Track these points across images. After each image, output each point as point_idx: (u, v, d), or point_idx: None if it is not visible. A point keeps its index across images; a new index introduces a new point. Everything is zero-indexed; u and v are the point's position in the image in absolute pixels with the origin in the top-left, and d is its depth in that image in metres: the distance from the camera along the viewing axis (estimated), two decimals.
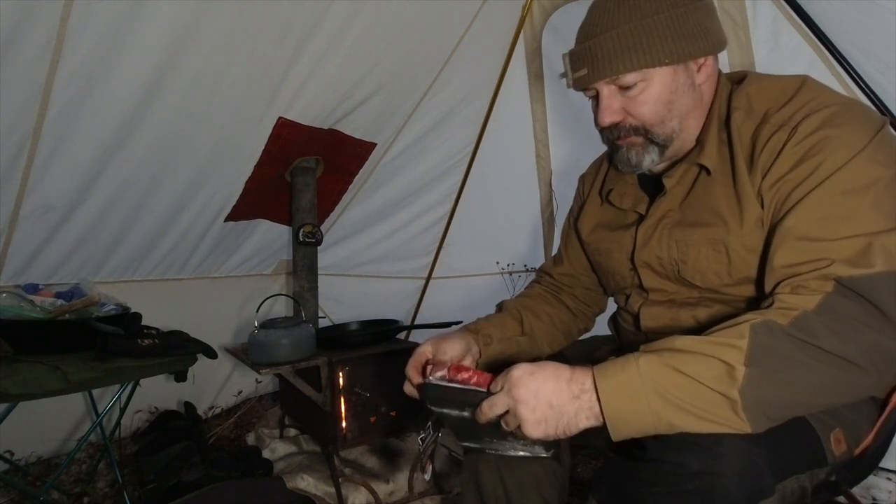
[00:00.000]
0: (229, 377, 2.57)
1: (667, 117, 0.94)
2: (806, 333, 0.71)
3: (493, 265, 2.69)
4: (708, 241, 0.92)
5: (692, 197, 0.96)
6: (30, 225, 1.74)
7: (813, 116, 0.82)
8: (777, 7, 1.67)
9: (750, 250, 0.88)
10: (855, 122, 0.82)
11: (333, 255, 2.69)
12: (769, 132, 0.86)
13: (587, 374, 0.76)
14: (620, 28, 0.90)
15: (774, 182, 0.84)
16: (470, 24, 2.12)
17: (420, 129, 2.39)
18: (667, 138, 0.95)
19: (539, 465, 1.07)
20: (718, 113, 0.95)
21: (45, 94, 1.46)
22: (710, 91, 0.97)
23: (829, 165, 0.79)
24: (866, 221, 0.75)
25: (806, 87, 0.88)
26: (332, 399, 1.78)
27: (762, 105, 0.90)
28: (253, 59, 1.70)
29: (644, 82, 0.92)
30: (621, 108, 0.95)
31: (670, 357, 0.73)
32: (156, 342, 1.65)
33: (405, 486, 1.89)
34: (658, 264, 1.01)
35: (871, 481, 1.66)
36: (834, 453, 0.83)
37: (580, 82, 0.97)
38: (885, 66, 1.53)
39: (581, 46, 0.96)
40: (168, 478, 1.80)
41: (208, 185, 2.01)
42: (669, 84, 0.92)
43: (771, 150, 0.85)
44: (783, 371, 0.71)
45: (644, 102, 0.93)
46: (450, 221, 2.73)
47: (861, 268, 0.72)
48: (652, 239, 1.01)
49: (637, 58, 0.90)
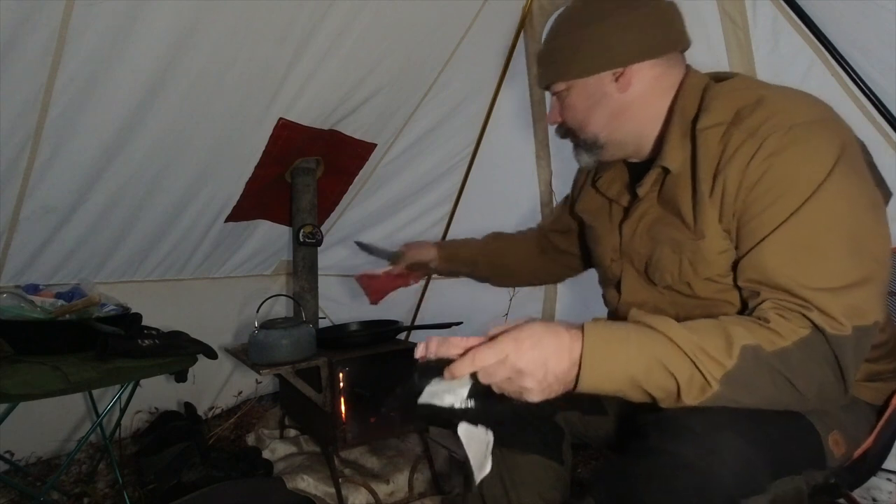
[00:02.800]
0: (229, 378, 2.57)
1: (585, 124, 1.03)
2: (785, 367, 0.75)
3: None
4: (671, 241, 0.96)
5: (664, 194, 0.99)
6: (30, 225, 1.75)
7: (780, 133, 0.83)
8: (777, 7, 1.67)
9: (701, 258, 0.91)
10: (820, 144, 0.82)
11: (333, 256, 2.69)
12: (739, 139, 0.86)
13: (578, 342, 0.76)
14: (553, 42, 1.03)
15: (740, 198, 0.86)
16: (470, 24, 2.12)
17: (420, 130, 2.39)
18: (591, 143, 1.04)
19: (540, 466, 1.07)
20: (683, 112, 0.96)
21: (46, 95, 1.46)
22: (655, 95, 0.99)
23: (793, 198, 0.80)
24: (838, 272, 0.78)
25: (778, 95, 0.89)
26: (332, 399, 1.78)
27: (733, 105, 0.90)
28: (253, 59, 1.71)
29: (567, 91, 1.03)
30: (558, 112, 1.07)
31: (663, 348, 0.75)
32: (156, 343, 1.65)
33: (405, 487, 1.89)
34: (637, 261, 1.04)
35: (871, 482, 1.66)
36: (833, 456, 0.84)
37: (538, 84, 1.11)
38: (885, 67, 1.53)
39: (538, 52, 1.08)
40: (168, 478, 1.80)
41: (209, 185, 2.01)
42: (583, 94, 1.01)
43: (739, 162, 0.85)
44: (747, 393, 0.75)
45: (568, 108, 1.04)
46: (450, 222, 2.73)
47: (836, 329, 0.75)
48: (635, 235, 1.04)
49: (555, 70, 1.02)
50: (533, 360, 0.75)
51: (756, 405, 0.77)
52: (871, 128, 1.61)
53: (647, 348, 0.75)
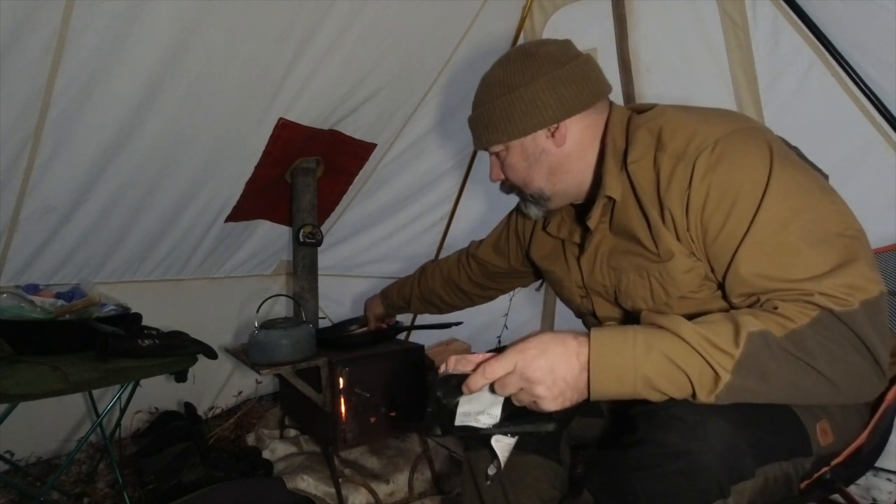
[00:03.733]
0: (229, 378, 2.57)
1: (529, 181, 1.07)
2: (800, 350, 0.73)
3: None
4: (634, 267, 0.98)
5: (615, 224, 1.02)
6: (30, 225, 1.75)
7: (707, 150, 0.86)
8: (777, 8, 1.67)
9: (669, 279, 0.93)
10: (747, 149, 0.85)
11: (333, 256, 2.69)
12: (670, 164, 0.89)
13: (586, 347, 0.78)
14: (479, 109, 1.07)
15: (693, 221, 0.88)
16: (470, 25, 2.12)
17: (420, 130, 2.40)
18: (538, 196, 1.08)
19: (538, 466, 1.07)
20: (614, 146, 1.00)
21: (46, 95, 1.46)
22: (589, 142, 1.03)
23: (746, 204, 0.82)
24: (817, 260, 0.78)
25: (694, 116, 0.92)
26: (332, 399, 1.78)
27: (654, 133, 0.94)
28: (253, 60, 1.71)
29: (504, 152, 1.07)
30: (499, 170, 1.11)
31: (671, 344, 0.75)
32: (156, 342, 1.65)
33: (405, 487, 1.89)
34: (605, 292, 1.06)
35: (871, 482, 1.66)
36: (820, 443, 0.84)
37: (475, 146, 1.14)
38: (885, 67, 1.53)
39: (469, 118, 1.12)
40: (168, 478, 1.80)
41: (209, 185, 2.01)
42: (521, 154, 1.05)
43: (678, 188, 0.88)
44: (764, 383, 0.74)
45: (509, 168, 1.08)
46: (450, 222, 2.73)
47: (843, 306, 0.75)
48: (595, 268, 1.07)
49: (488, 136, 1.06)
50: (540, 368, 0.77)
51: (781, 397, 0.76)
52: (871, 128, 1.61)
53: (655, 346, 0.75)
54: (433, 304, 1.70)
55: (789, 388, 0.75)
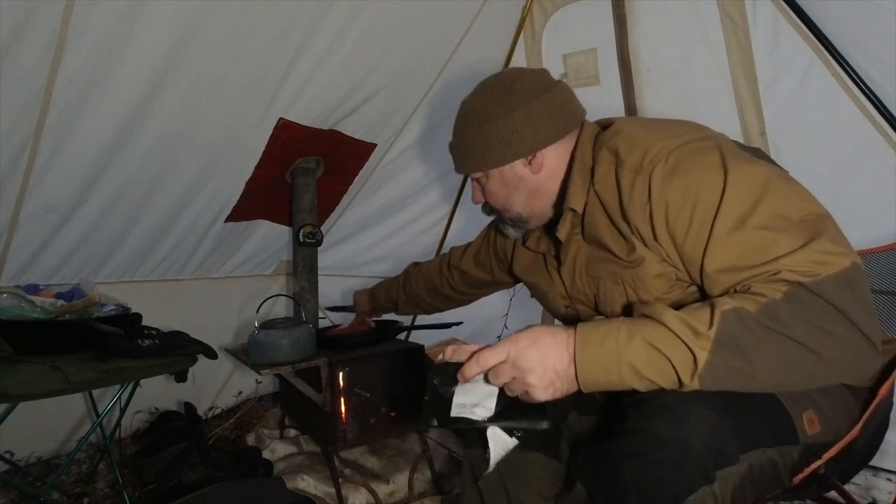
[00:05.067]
0: (229, 378, 2.57)
1: (507, 205, 1.11)
2: (775, 322, 0.74)
3: None
4: (610, 274, 1.01)
5: (587, 233, 1.05)
6: (30, 225, 1.74)
7: (661, 162, 0.89)
8: (777, 8, 1.67)
9: (640, 285, 0.96)
10: (698, 156, 0.89)
11: (333, 256, 2.69)
12: (629, 179, 0.93)
13: (573, 339, 0.81)
14: (458, 137, 1.14)
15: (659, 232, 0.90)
16: (470, 25, 2.12)
17: (420, 130, 2.40)
18: (517, 219, 1.13)
19: (539, 464, 1.08)
20: (581, 159, 1.04)
21: (46, 95, 1.46)
22: (562, 167, 1.07)
23: (706, 205, 0.85)
24: (780, 243, 0.79)
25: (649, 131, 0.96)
26: (332, 399, 1.78)
27: (613, 150, 0.98)
28: (253, 60, 1.71)
29: (485, 178, 1.12)
30: (480, 194, 1.16)
31: (652, 330, 0.77)
32: (156, 343, 1.65)
33: (405, 487, 1.89)
34: (587, 300, 1.09)
35: (870, 482, 1.66)
36: (806, 432, 0.84)
37: None
38: (885, 67, 1.54)
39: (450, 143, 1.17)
40: (168, 478, 1.80)
41: (209, 185, 2.01)
42: (500, 181, 1.09)
43: (639, 201, 0.92)
44: (745, 360, 0.74)
45: (489, 193, 1.13)
46: (450, 222, 2.73)
47: (810, 277, 0.75)
48: (575, 278, 1.10)
49: (467, 164, 1.12)
50: (532, 358, 0.80)
51: (769, 374, 0.75)
52: (871, 128, 1.61)
53: (637, 333, 0.77)
54: (420, 308, 1.77)
55: (774, 364, 0.75)
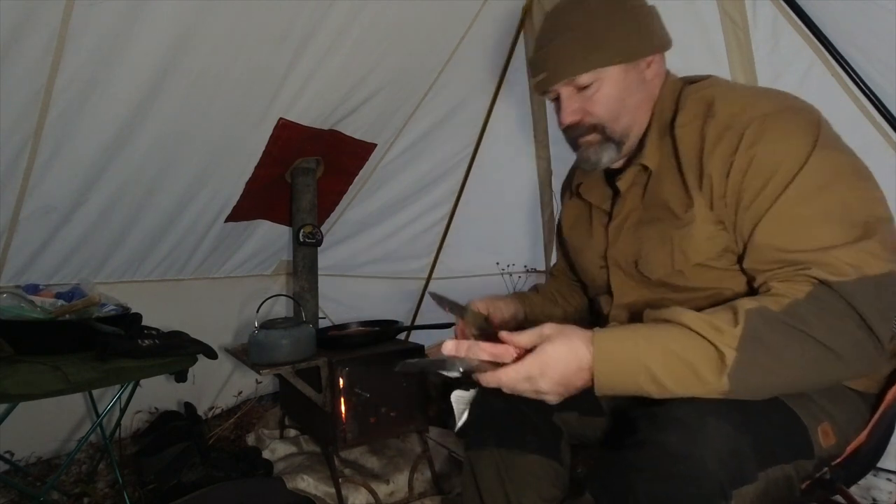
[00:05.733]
0: (229, 378, 2.57)
1: (621, 114, 1.00)
2: (797, 320, 0.75)
3: (493, 266, 2.69)
4: (659, 234, 0.97)
5: (648, 195, 1.01)
6: (30, 225, 1.74)
7: (756, 123, 0.86)
8: (777, 8, 1.67)
9: (691, 244, 0.92)
10: (796, 126, 0.86)
11: (333, 256, 2.69)
12: (716, 134, 0.89)
13: (590, 347, 0.79)
14: (573, 32, 0.98)
15: (730, 189, 0.88)
16: (470, 24, 2.12)
17: (420, 130, 2.40)
18: (622, 134, 1.02)
19: (539, 465, 1.07)
20: (661, 113, 1.00)
21: (46, 95, 1.46)
22: (656, 89, 1.02)
23: (782, 177, 0.83)
24: (830, 234, 0.79)
25: (746, 90, 0.94)
26: (332, 399, 1.78)
27: (705, 101, 0.94)
28: (253, 60, 1.71)
29: (598, 82, 0.99)
30: (579, 107, 1.01)
31: (672, 334, 0.77)
32: (156, 343, 1.65)
33: (405, 487, 1.89)
34: (624, 262, 1.06)
35: (870, 482, 1.66)
36: (821, 445, 0.84)
37: (540, 86, 1.04)
38: (885, 67, 1.53)
39: (540, 52, 1.03)
40: (168, 478, 1.80)
41: (209, 185, 2.01)
42: (621, 82, 0.99)
43: (722, 155, 0.88)
44: (771, 357, 0.74)
45: (599, 101, 0.99)
46: (450, 222, 2.73)
47: (837, 276, 0.76)
48: (620, 238, 1.06)
49: (589, 60, 0.97)
50: (556, 383, 0.79)
51: (792, 374, 0.75)
52: (871, 128, 1.61)
53: (657, 338, 0.77)
54: None
55: (796, 362, 0.75)
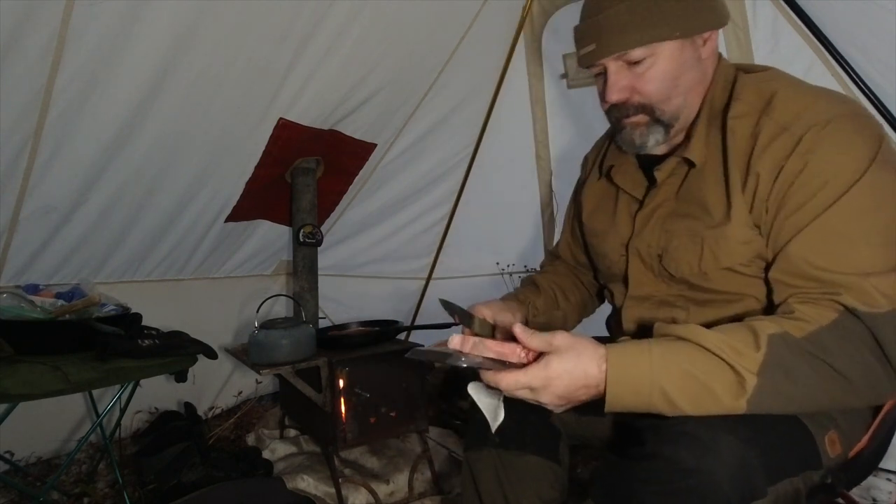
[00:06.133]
0: (229, 378, 2.57)
1: (672, 94, 0.92)
2: (819, 349, 0.73)
3: (493, 266, 2.69)
4: (689, 232, 0.92)
5: (685, 188, 0.96)
6: (30, 225, 1.74)
7: (817, 128, 0.81)
8: (777, 8, 1.67)
9: (724, 247, 0.88)
10: (857, 138, 0.81)
11: (333, 256, 2.69)
12: (771, 133, 0.84)
13: (602, 365, 0.77)
14: (628, 2, 0.89)
15: (776, 192, 0.83)
16: (470, 24, 2.12)
17: (420, 130, 2.39)
18: (672, 116, 0.94)
19: (538, 466, 1.07)
20: (712, 100, 0.94)
21: (47, 95, 1.46)
22: (711, 70, 0.95)
23: (832, 190, 0.79)
24: (870, 258, 0.76)
25: (810, 89, 0.88)
26: (332, 399, 1.78)
27: (764, 95, 0.88)
28: (253, 59, 1.71)
29: (652, 57, 0.90)
30: (628, 85, 0.93)
31: (690, 355, 0.75)
32: (156, 342, 1.65)
33: (405, 487, 1.89)
34: (647, 254, 1.00)
35: (870, 482, 1.66)
36: (829, 455, 0.83)
37: (587, 59, 0.95)
38: (885, 67, 1.53)
39: (588, 22, 0.94)
40: (168, 478, 1.80)
41: (209, 185, 2.01)
42: (676, 59, 0.90)
43: (775, 156, 0.83)
44: (790, 384, 0.73)
45: (651, 79, 0.91)
46: (450, 222, 2.73)
47: (869, 306, 0.74)
48: (647, 227, 1.00)
49: (645, 32, 0.88)
50: (558, 396, 0.78)
51: (806, 400, 0.75)
52: None
53: (673, 360, 0.75)
54: None
55: (813, 390, 0.74)
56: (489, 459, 1.08)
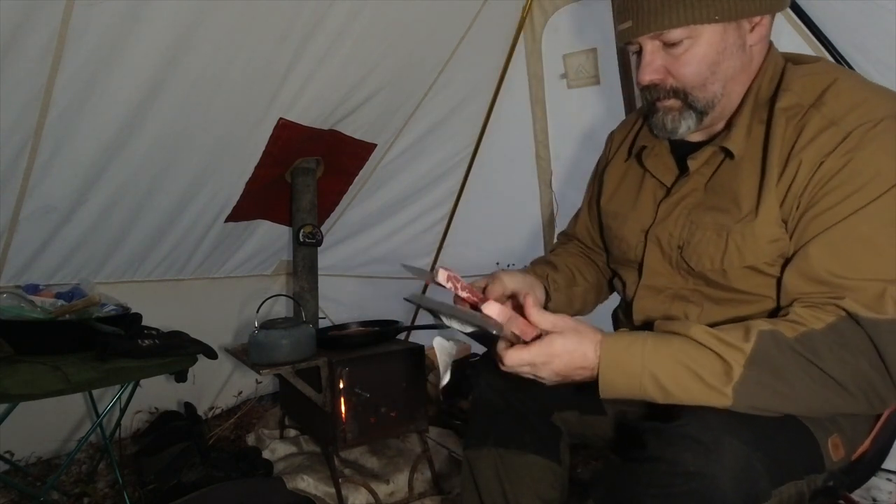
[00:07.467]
0: (229, 378, 2.57)
1: (709, 80, 0.88)
2: (809, 351, 0.73)
3: (493, 265, 2.69)
4: (715, 225, 0.89)
5: (716, 180, 0.92)
6: (31, 225, 1.75)
7: (867, 126, 0.78)
8: None
9: (751, 244, 0.86)
10: None
11: (333, 256, 2.69)
12: (818, 126, 0.81)
13: (598, 350, 0.80)
14: None
15: (811, 187, 0.81)
16: (470, 24, 2.12)
17: (420, 130, 2.39)
18: (707, 104, 0.90)
19: (538, 466, 1.07)
20: (759, 90, 0.90)
21: (47, 95, 1.47)
22: (760, 58, 0.90)
23: (867, 193, 0.76)
24: (886, 267, 0.75)
25: (863, 84, 0.85)
26: (332, 399, 1.78)
27: (815, 88, 0.84)
28: (253, 59, 1.71)
29: (690, 40, 0.85)
30: (663, 66, 0.89)
31: (680, 345, 0.77)
32: (156, 343, 1.65)
33: (405, 487, 1.89)
34: (667, 243, 0.97)
35: (870, 482, 1.66)
36: (832, 459, 0.83)
37: (623, 36, 0.91)
38: (885, 67, 1.53)
39: None
40: (168, 478, 1.80)
41: (209, 185, 2.02)
42: (717, 43, 0.86)
43: (818, 150, 0.80)
44: (777, 380, 0.74)
45: (688, 62, 0.87)
46: (450, 222, 2.73)
47: (873, 311, 0.73)
48: (671, 216, 0.97)
49: (686, 12, 0.83)
50: (555, 373, 0.81)
51: (795, 400, 0.74)
52: None
53: (664, 347, 0.77)
54: None
55: (803, 390, 0.74)
56: (489, 459, 1.08)
